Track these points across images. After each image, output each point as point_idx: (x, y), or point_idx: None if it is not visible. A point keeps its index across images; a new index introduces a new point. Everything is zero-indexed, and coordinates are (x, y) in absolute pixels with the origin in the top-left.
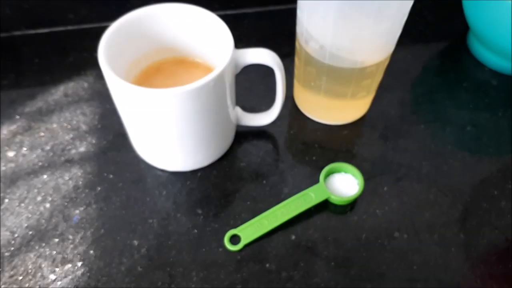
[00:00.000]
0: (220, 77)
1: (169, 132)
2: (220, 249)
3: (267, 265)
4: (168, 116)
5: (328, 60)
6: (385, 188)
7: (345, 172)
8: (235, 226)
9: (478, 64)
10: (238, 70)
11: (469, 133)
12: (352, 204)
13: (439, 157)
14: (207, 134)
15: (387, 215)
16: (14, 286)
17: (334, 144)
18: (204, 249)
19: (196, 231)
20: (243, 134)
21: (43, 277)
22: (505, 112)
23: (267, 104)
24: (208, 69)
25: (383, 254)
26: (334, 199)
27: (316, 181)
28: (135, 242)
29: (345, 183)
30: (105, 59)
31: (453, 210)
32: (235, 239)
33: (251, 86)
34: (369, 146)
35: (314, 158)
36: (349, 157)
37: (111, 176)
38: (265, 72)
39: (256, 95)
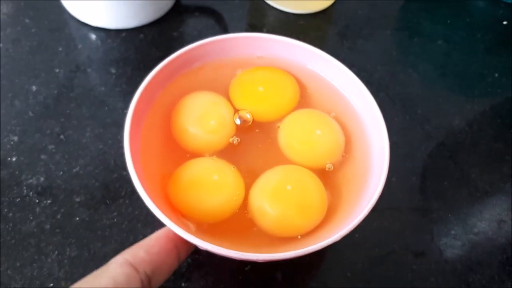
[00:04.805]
0: None
1: None
2: (125, 111)
3: None
4: None
5: None
6: None
7: None
8: None
9: None
10: None
11: (439, 47)
12: None
13: (397, 65)
14: None
15: None
16: None
17: (284, 32)
18: (106, 108)
19: (103, 88)
20: (187, 6)
21: None
22: (484, 36)
23: None
24: None
25: None
26: None
27: None
28: (34, 88)
29: None
30: None
31: (397, 118)
32: None
33: None
34: (321, 40)
35: None
36: None
37: (27, 20)
38: None
39: None
